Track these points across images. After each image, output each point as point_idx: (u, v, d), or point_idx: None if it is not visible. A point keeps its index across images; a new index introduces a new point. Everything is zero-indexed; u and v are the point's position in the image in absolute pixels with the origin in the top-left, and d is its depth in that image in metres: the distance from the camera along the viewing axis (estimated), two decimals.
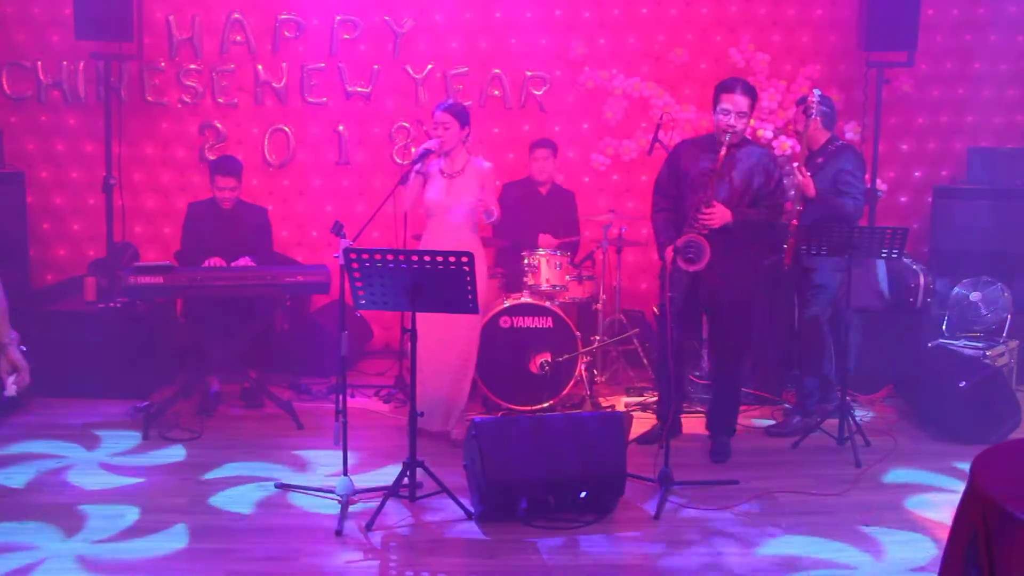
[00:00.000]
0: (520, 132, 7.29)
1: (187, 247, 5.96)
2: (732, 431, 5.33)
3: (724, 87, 4.96)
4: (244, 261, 5.80)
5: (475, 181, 5.21)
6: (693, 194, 4.94)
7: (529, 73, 7.22)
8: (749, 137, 5.26)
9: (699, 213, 4.86)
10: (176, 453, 5.19)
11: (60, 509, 4.39)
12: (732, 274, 4.98)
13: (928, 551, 4.06)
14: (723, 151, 4.86)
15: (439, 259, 4.20)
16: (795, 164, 5.27)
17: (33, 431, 5.46)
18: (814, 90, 5.39)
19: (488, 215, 5.25)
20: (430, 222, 5.28)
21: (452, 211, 5.19)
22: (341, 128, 7.26)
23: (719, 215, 4.85)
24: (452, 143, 5.18)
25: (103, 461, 5.04)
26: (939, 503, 4.58)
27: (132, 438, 5.36)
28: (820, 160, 5.36)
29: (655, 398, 6.00)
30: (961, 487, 2.21)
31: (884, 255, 5.26)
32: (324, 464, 4.99)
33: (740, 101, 4.89)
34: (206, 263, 5.73)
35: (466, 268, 4.17)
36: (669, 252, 4.90)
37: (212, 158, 6.73)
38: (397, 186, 5.18)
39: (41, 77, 7.03)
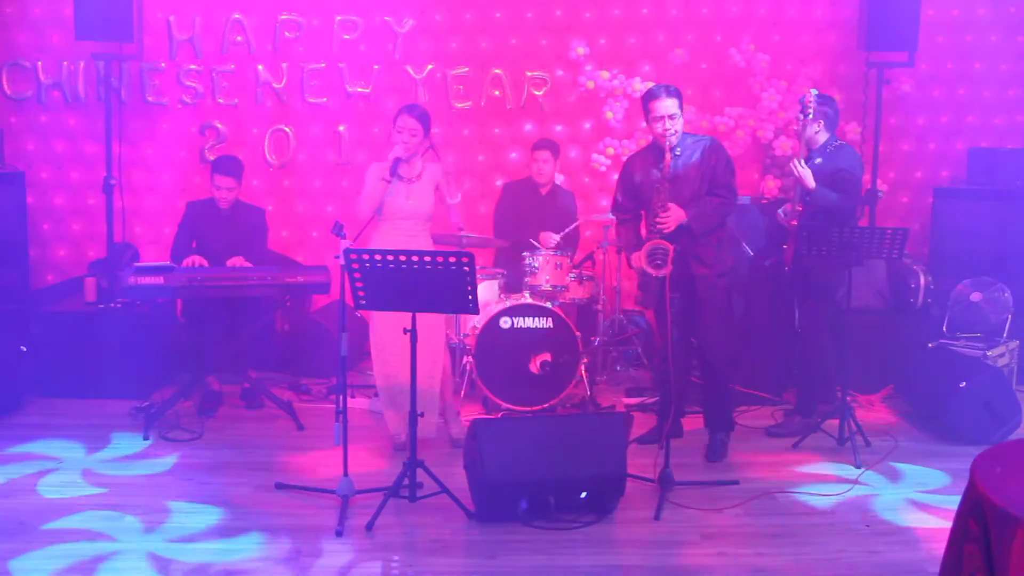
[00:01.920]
0: (520, 132, 7.30)
1: (178, 244, 5.91)
2: (729, 427, 5.33)
3: (649, 96, 5.03)
4: (237, 260, 5.72)
5: (431, 185, 5.18)
6: (650, 202, 5.05)
7: (529, 73, 7.23)
8: (692, 133, 5.39)
9: (656, 219, 4.96)
10: (177, 453, 5.19)
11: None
12: (711, 258, 5.05)
13: (928, 551, 4.06)
14: (667, 157, 4.96)
15: (439, 259, 4.20)
16: (794, 161, 5.27)
17: (32, 431, 5.46)
18: (811, 90, 5.39)
19: (451, 197, 5.30)
20: (383, 225, 5.16)
21: (410, 216, 5.14)
22: (341, 128, 7.26)
23: (673, 217, 4.94)
24: (415, 149, 5.12)
25: (91, 466, 5.04)
26: (939, 503, 4.58)
27: (133, 440, 5.37)
28: (819, 160, 5.36)
29: (655, 399, 6.00)
30: (961, 487, 2.21)
31: (884, 256, 5.26)
32: (324, 464, 4.98)
33: (668, 105, 4.95)
34: (185, 262, 5.65)
35: (466, 268, 4.18)
36: (635, 258, 5.01)
37: (212, 158, 6.73)
38: (385, 181, 5.05)
39: (41, 77, 7.03)
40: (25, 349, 6.08)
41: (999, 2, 7.23)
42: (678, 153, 5.04)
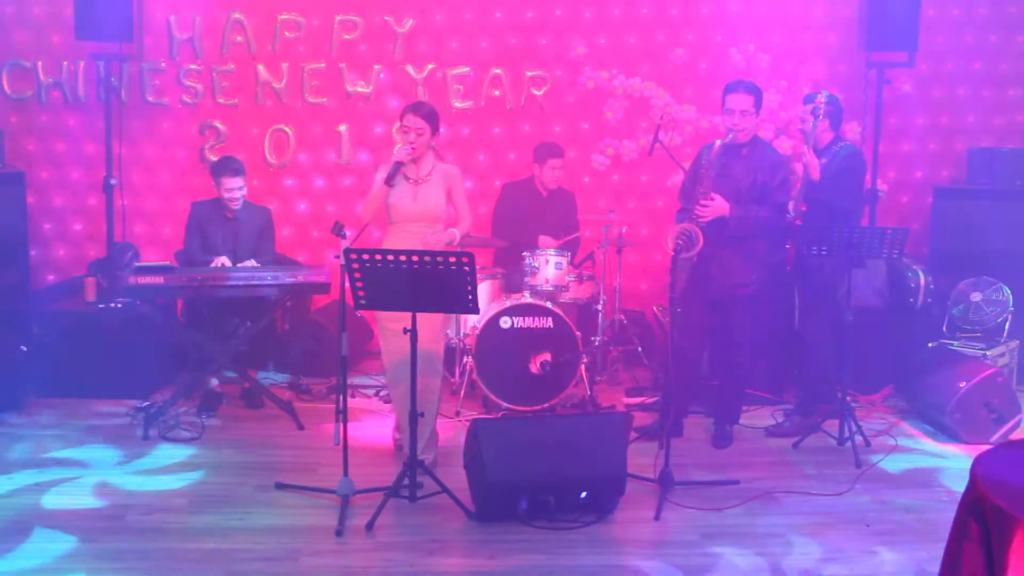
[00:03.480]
0: (520, 132, 7.30)
1: (190, 247, 5.95)
2: (735, 420, 5.48)
3: (728, 87, 5.15)
4: (248, 264, 5.80)
5: (442, 187, 4.97)
6: (694, 189, 5.15)
7: (529, 73, 7.23)
8: (762, 139, 5.38)
9: (697, 205, 5.02)
10: (177, 453, 5.19)
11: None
12: (733, 267, 5.09)
13: (928, 551, 4.06)
14: (715, 146, 5.03)
15: (439, 259, 4.20)
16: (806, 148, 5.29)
17: (32, 432, 5.47)
18: (822, 91, 5.41)
19: (450, 242, 4.94)
20: (392, 228, 4.99)
21: (417, 218, 4.93)
22: (341, 128, 7.26)
23: (714, 207, 5.00)
24: (422, 149, 4.92)
25: (91, 466, 5.04)
26: (939, 503, 4.58)
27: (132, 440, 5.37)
28: (823, 160, 5.36)
29: (655, 398, 6.00)
30: (961, 487, 2.21)
31: (885, 255, 5.26)
32: (324, 464, 4.98)
33: (741, 100, 5.03)
34: (214, 262, 5.72)
35: (466, 268, 4.18)
36: (668, 236, 5.04)
37: (213, 158, 6.73)
38: (385, 185, 4.89)
39: (41, 77, 7.03)
40: (25, 349, 6.08)
41: (999, 2, 7.22)
42: (744, 152, 5.10)
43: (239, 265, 5.78)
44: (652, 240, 7.12)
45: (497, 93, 7.25)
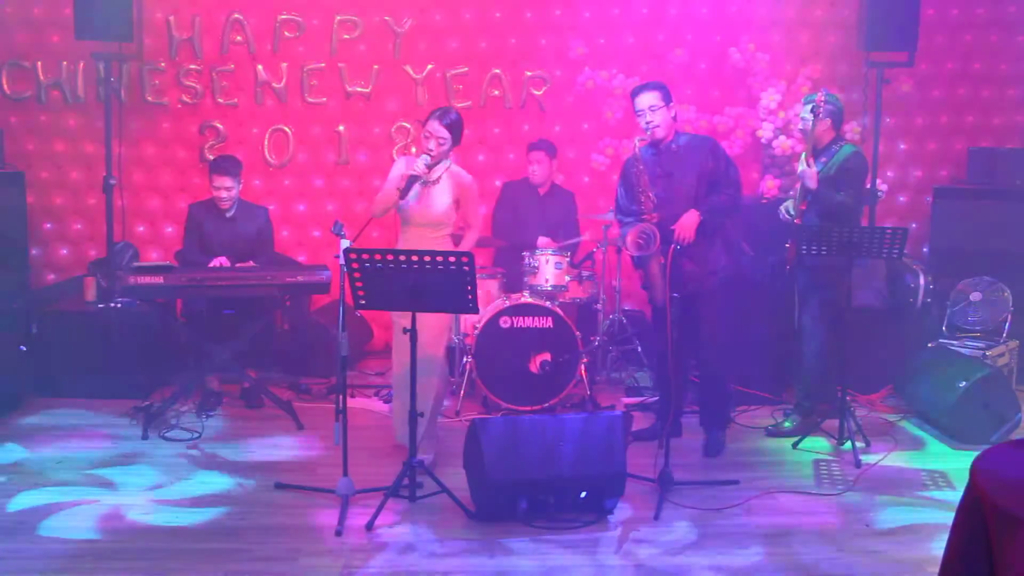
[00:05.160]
0: (520, 132, 7.30)
1: (189, 248, 5.96)
2: (724, 424, 5.36)
3: (632, 93, 5.18)
4: (246, 266, 5.80)
5: (450, 192, 4.92)
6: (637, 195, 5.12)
7: (529, 73, 7.23)
8: (685, 130, 5.43)
9: (673, 239, 4.92)
10: (177, 454, 5.19)
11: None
12: (699, 257, 5.05)
13: (928, 551, 4.06)
14: (636, 150, 5.05)
15: (439, 259, 4.20)
16: (802, 158, 5.29)
17: (31, 431, 5.47)
18: (822, 90, 5.40)
19: (456, 239, 4.99)
20: (404, 229, 4.99)
21: (425, 221, 4.92)
22: (341, 128, 7.26)
23: (687, 224, 4.95)
24: (441, 157, 4.90)
25: (91, 466, 5.04)
26: (939, 503, 4.58)
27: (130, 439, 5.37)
28: (824, 159, 5.36)
29: (655, 398, 6.00)
30: (961, 487, 2.21)
31: (884, 255, 5.26)
32: (324, 464, 4.98)
33: (647, 98, 5.05)
34: (213, 263, 5.72)
35: (466, 268, 4.18)
36: (628, 237, 5.03)
37: (212, 158, 6.72)
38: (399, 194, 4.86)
39: (41, 77, 7.03)
40: (25, 349, 6.08)
41: (999, 2, 7.23)
42: (673, 148, 5.08)
43: (238, 265, 5.78)
44: None
45: (497, 93, 7.25)
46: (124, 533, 4.19)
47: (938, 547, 4.04)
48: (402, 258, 4.20)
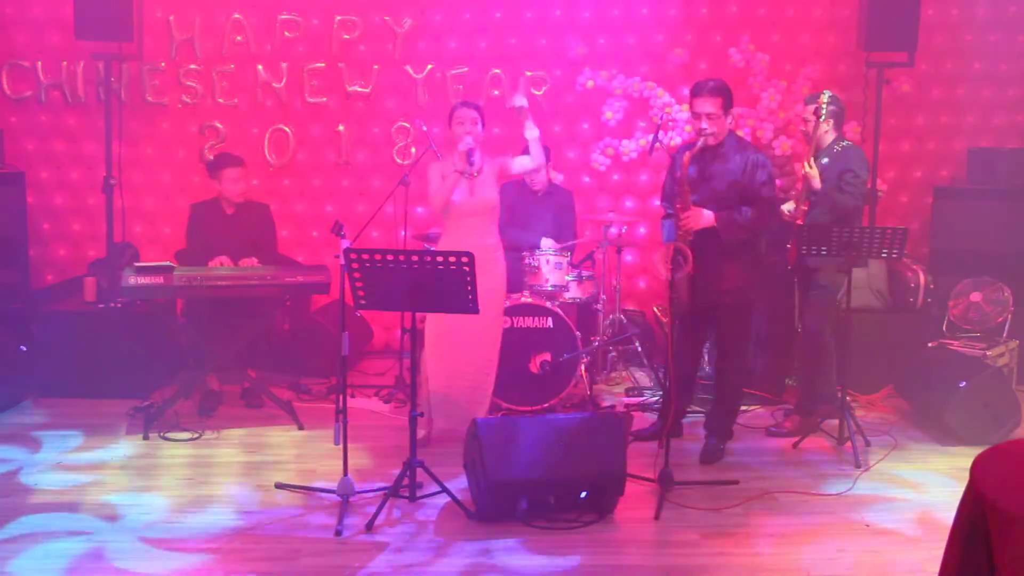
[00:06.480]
0: (520, 132, 7.26)
1: (192, 248, 5.95)
2: (726, 435, 5.30)
3: (693, 90, 5.00)
4: (250, 262, 5.79)
5: (493, 180, 5.26)
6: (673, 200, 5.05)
7: (529, 73, 7.22)
8: (740, 137, 5.27)
9: (678, 220, 4.93)
10: (177, 452, 5.19)
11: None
12: (725, 275, 4.97)
13: (928, 551, 4.06)
14: (686, 157, 4.91)
15: (439, 259, 4.20)
16: (805, 161, 5.29)
17: (31, 431, 5.47)
18: (824, 91, 5.40)
19: (518, 100, 5.35)
20: (449, 222, 5.19)
21: (476, 212, 5.16)
22: (341, 128, 7.26)
23: (695, 217, 4.91)
24: (480, 140, 5.25)
25: (90, 466, 5.04)
26: (939, 503, 4.58)
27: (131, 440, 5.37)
28: (826, 160, 5.36)
29: (656, 398, 6.00)
30: (961, 487, 2.21)
31: (884, 255, 5.26)
32: (324, 464, 4.98)
33: (707, 103, 4.88)
34: (212, 262, 5.72)
35: (466, 268, 4.18)
36: (658, 260, 5.01)
37: (212, 158, 6.72)
38: (460, 175, 5.15)
39: (41, 77, 7.03)
40: (25, 349, 6.08)
41: (999, 2, 7.22)
42: (717, 152, 4.96)
43: (240, 263, 5.78)
44: (651, 240, 7.12)
45: (497, 93, 7.24)
46: (123, 532, 4.19)
47: (938, 547, 4.05)
48: (402, 258, 4.20)
